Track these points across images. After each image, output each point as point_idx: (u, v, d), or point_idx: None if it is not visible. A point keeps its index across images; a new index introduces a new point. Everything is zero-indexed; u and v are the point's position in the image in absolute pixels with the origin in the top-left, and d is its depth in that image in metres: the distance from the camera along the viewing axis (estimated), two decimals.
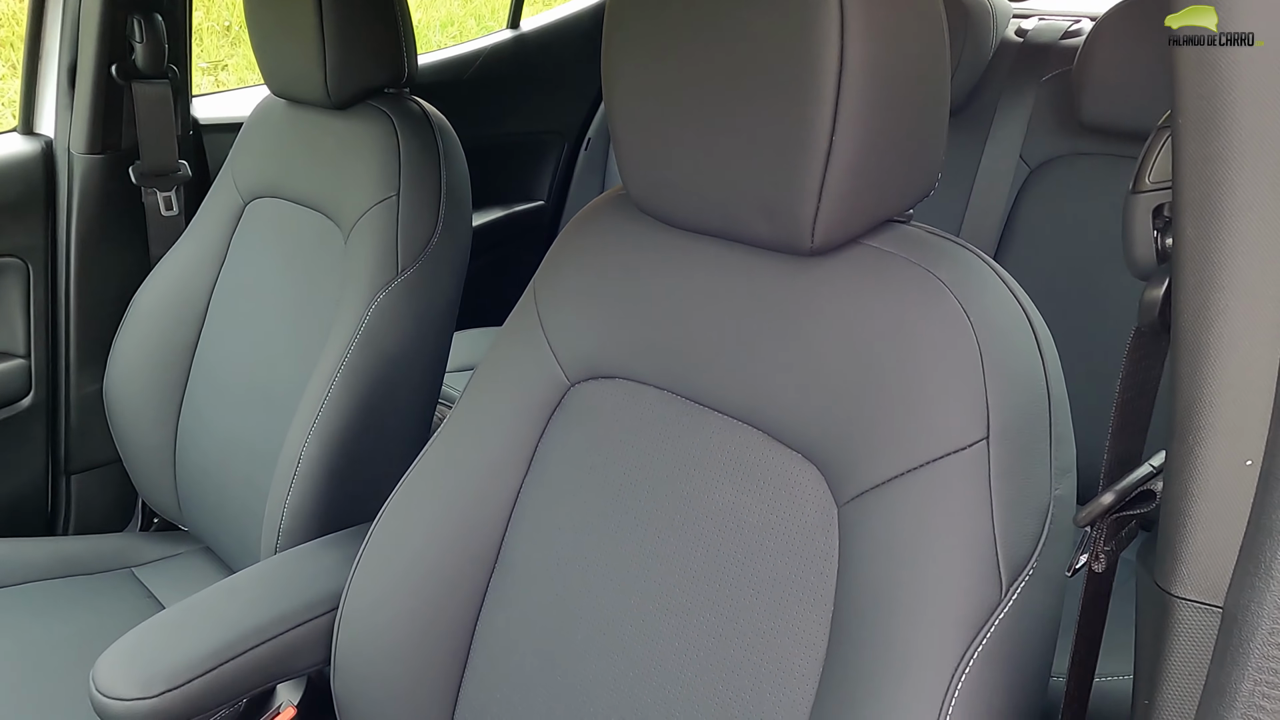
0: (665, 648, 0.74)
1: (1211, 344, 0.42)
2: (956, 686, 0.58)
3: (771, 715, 0.67)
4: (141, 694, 0.83)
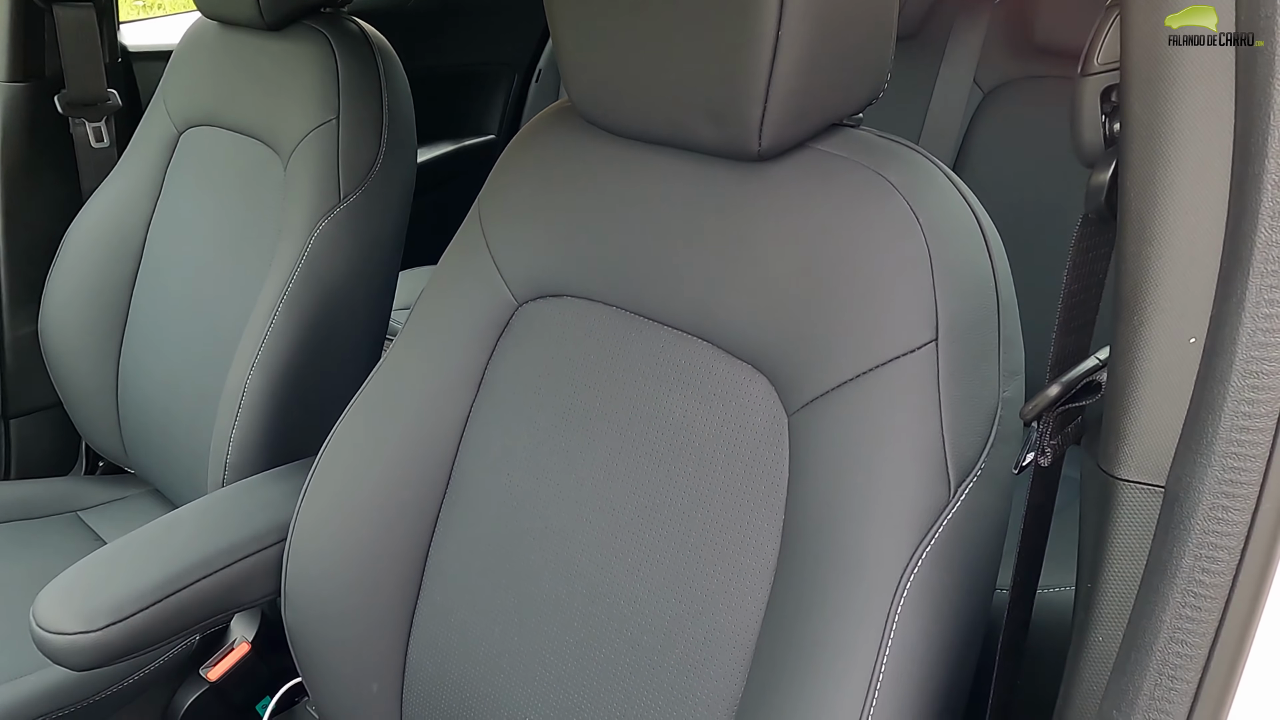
0: (619, 564, 0.73)
1: (1157, 220, 0.41)
2: (905, 587, 0.58)
3: (724, 624, 0.67)
4: (84, 628, 0.81)
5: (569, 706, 0.74)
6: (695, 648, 0.68)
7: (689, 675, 0.68)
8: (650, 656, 0.70)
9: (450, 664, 0.82)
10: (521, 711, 0.77)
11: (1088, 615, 0.47)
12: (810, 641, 0.60)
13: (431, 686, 0.84)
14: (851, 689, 0.57)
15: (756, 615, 0.66)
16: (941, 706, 0.60)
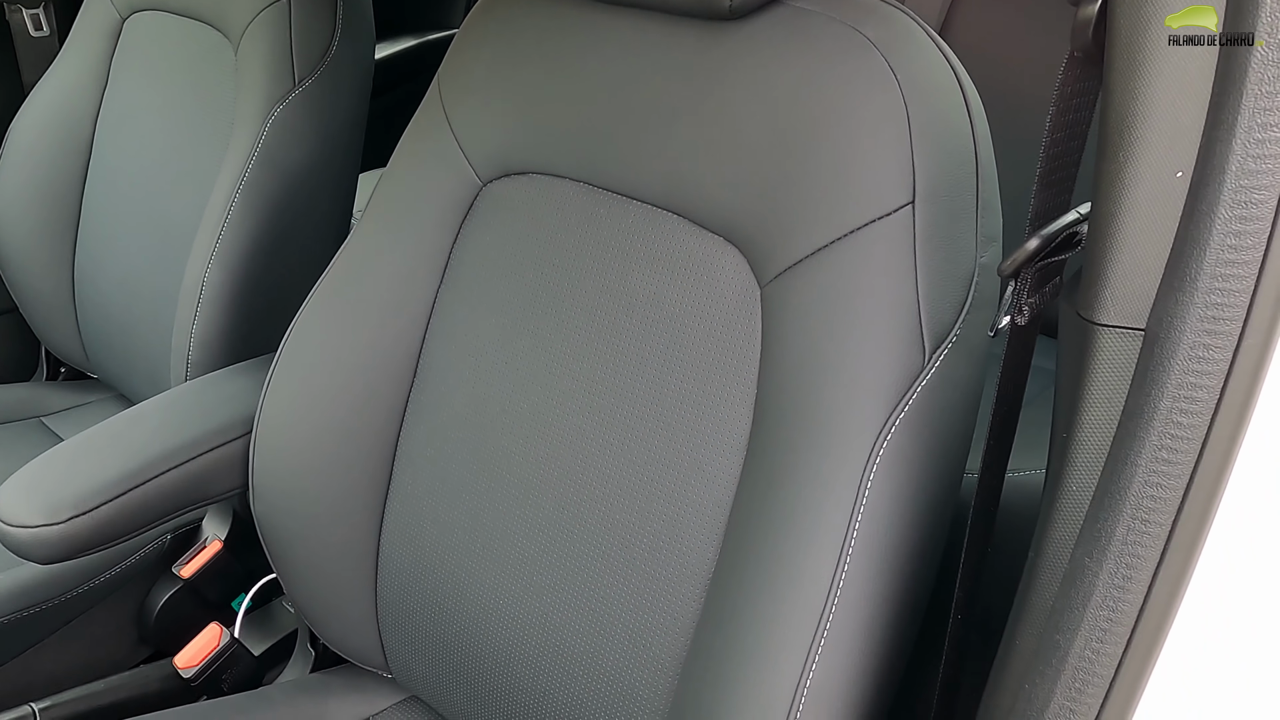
0: (589, 444, 0.72)
1: (1148, 47, 0.39)
2: (877, 455, 0.57)
3: (696, 500, 0.66)
4: (47, 520, 0.79)
5: (543, 586, 0.74)
6: (668, 524, 0.67)
7: (662, 551, 0.68)
8: (623, 535, 0.70)
9: (423, 550, 0.82)
10: (496, 594, 0.77)
11: (1062, 465, 0.46)
12: (782, 511, 0.59)
13: (405, 573, 0.83)
14: (822, 556, 0.57)
15: (729, 490, 0.65)
16: (911, 572, 0.60)
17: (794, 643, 0.56)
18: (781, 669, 0.56)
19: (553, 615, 0.73)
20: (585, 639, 0.71)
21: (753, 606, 0.59)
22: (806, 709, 0.56)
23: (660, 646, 0.67)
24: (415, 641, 0.84)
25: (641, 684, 0.68)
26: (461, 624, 0.79)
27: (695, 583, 0.66)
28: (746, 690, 0.57)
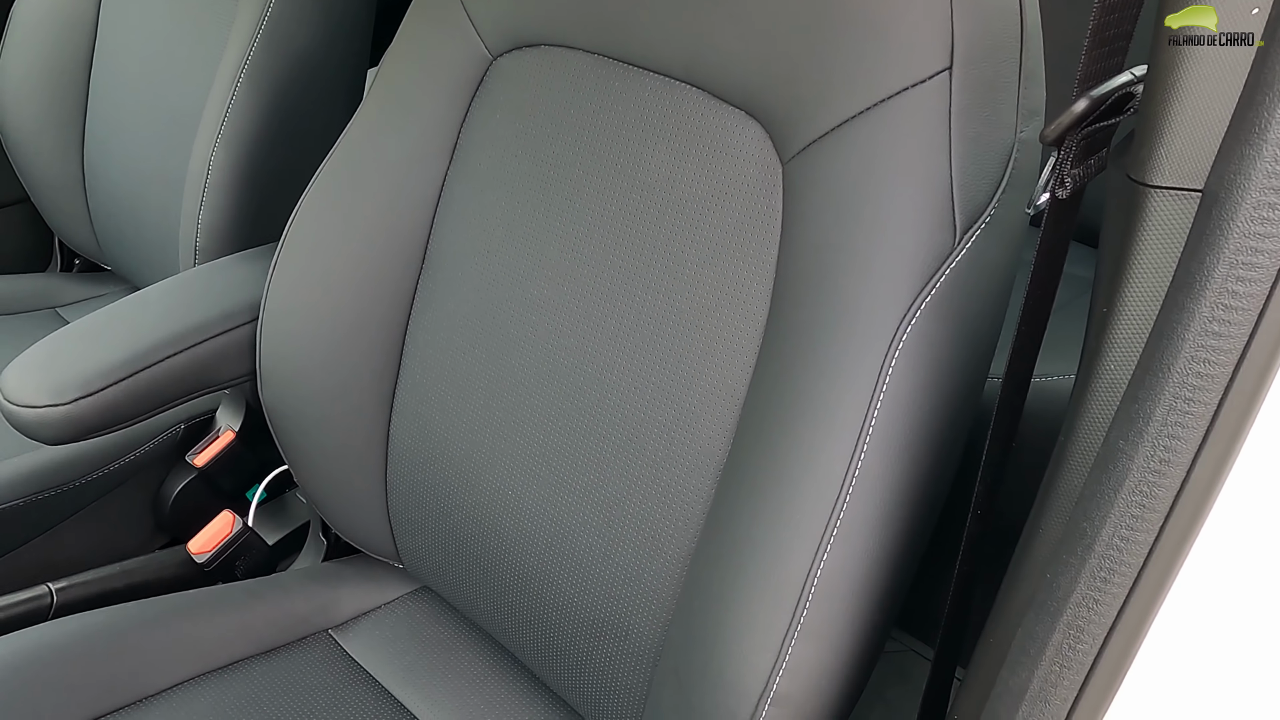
0: (601, 331, 0.70)
1: None
2: (901, 337, 0.54)
3: (710, 388, 0.64)
4: (52, 401, 0.78)
5: (552, 477, 0.72)
6: (680, 414, 0.65)
7: (673, 442, 0.66)
8: (634, 424, 0.68)
9: (432, 440, 0.80)
10: (505, 484, 0.75)
11: (1099, 343, 0.43)
12: (798, 398, 0.56)
13: (414, 463, 0.82)
14: (838, 444, 0.54)
15: (743, 378, 0.62)
16: (930, 464, 0.57)
17: (806, 531, 0.54)
18: (792, 558, 0.54)
19: (562, 506, 0.72)
20: (595, 530, 0.70)
21: (765, 495, 0.57)
22: (816, 598, 0.54)
23: (670, 537, 0.66)
24: (425, 532, 0.84)
25: (650, 574, 0.67)
26: (470, 515, 0.78)
27: (707, 473, 0.64)
28: (756, 578, 0.55)
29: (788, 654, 0.54)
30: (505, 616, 0.79)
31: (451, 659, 0.87)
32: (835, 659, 0.55)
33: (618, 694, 0.70)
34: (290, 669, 0.83)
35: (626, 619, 0.68)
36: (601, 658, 0.71)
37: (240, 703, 0.79)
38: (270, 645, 0.85)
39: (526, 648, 0.79)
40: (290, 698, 0.81)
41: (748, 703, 0.55)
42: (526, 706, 0.83)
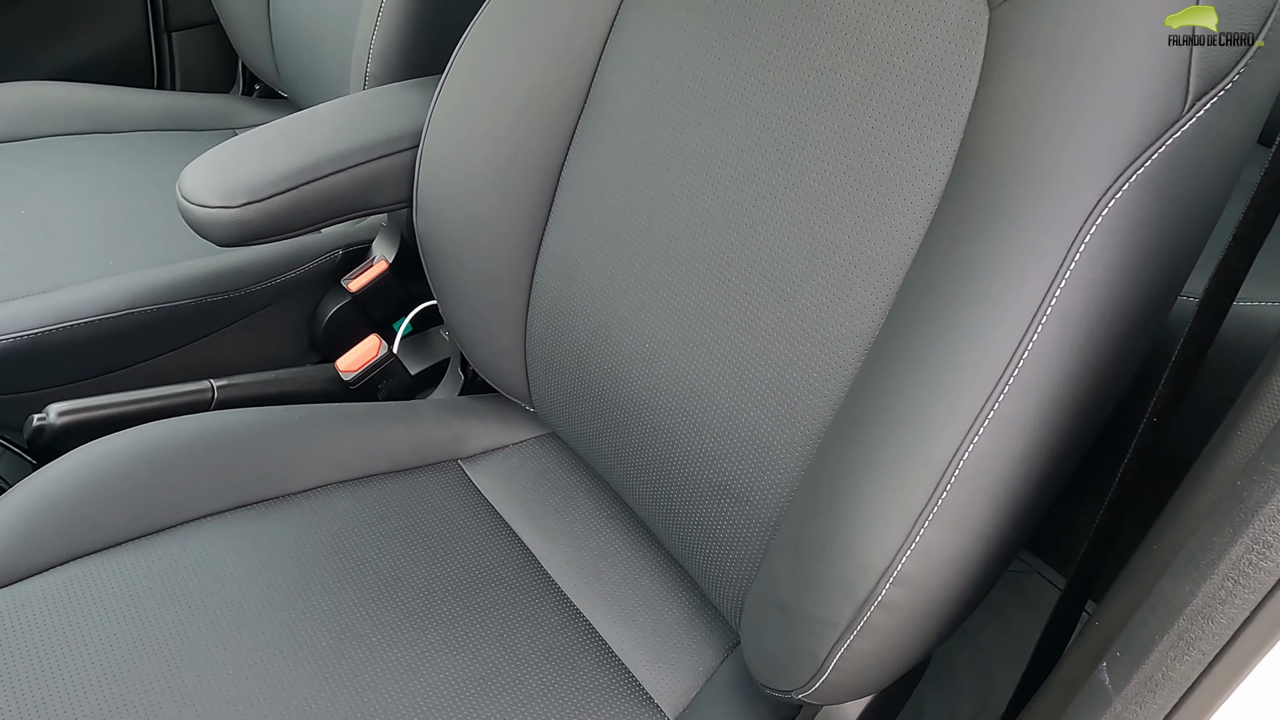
0: (763, 185, 0.66)
1: None
2: (1101, 212, 0.48)
3: (870, 256, 0.60)
4: (224, 203, 0.82)
5: (693, 333, 0.70)
6: (835, 279, 0.62)
7: (823, 308, 0.62)
8: (783, 286, 0.64)
9: (575, 284, 0.79)
10: (643, 337, 0.74)
11: None
12: (970, 272, 0.52)
13: (556, 307, 0.82)
14: (1008, 324, 0.50)
15: (910, 248, 0.58)
16: (1103, 365, 0.52)
17: (958, 412, 0.51)
18: (939, 438, 0.51)
19: (698, 364, 0.70)
20: (727, 391, 0.68)
21: (918, 370, 0.53)
22: (958, 483, 0.50)
23: (806, 406, 0.63)
24: (558, 377, 0.84)
25: (780, 442, 0.65)
26: (604, 364, 0.78)
27: (854, 344, 0.60)
28: (896, 455, 0.52)
29: (919, 535, 0.51)
30: (627, 469, 0.79)
31: (570, 503, 0.88)
32: (968, 548, 0.52)
33: (731, 557, 0.70)
34: (419, 489, 0.87)
35: (749, 484, 0.67)
36: (718, 520, 0.70)
37: (371, 513, 0.83)
38: (402, 466, 0.89)
39: (644, 502, 0.79)
40: (417, 515, 0.84)
41: (868, 579, 0.52)
42: (638, 559, 0.83)
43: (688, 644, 0.77)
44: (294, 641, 0.71)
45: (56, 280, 1.01)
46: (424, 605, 0.76)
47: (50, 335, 0.96)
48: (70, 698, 0.66)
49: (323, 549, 0.79)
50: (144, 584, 0.74)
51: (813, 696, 0.59)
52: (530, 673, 0.72)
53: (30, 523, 0.75)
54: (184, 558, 0.76)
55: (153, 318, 0.99)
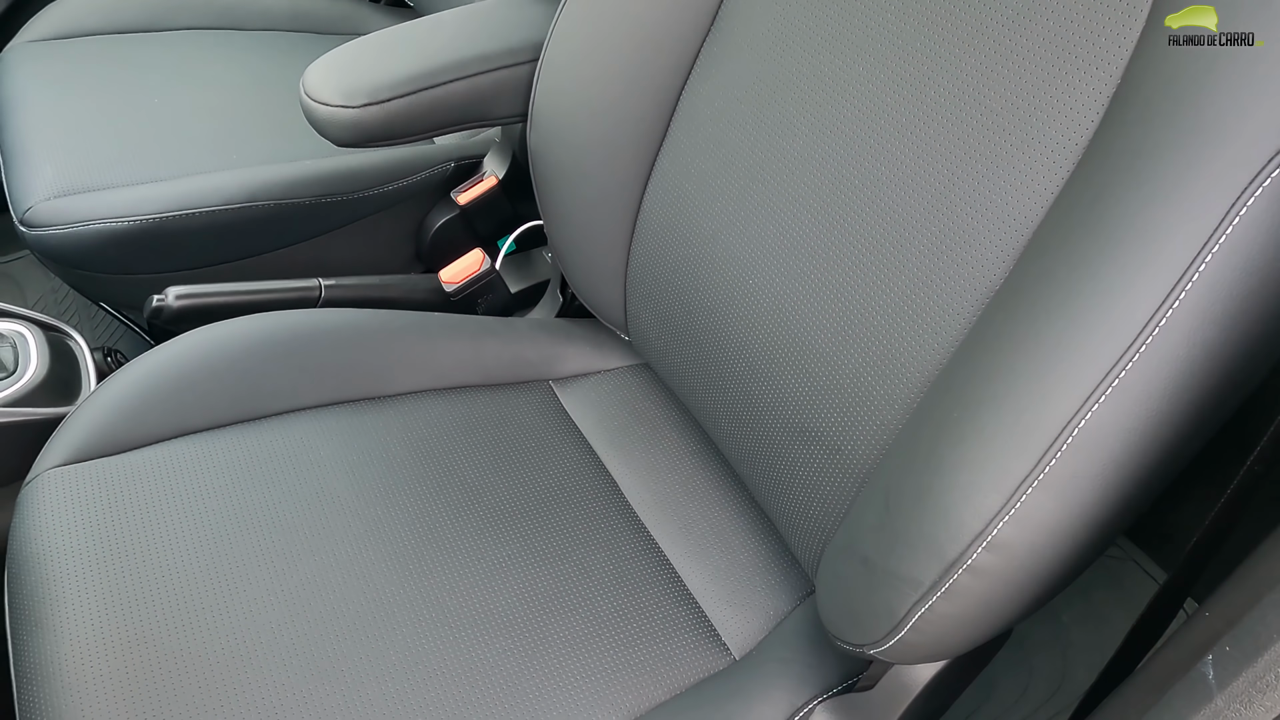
0: (891, 122, 0.62)
1: None
2: (1272, 172, 0.44)
3: (1003, 205, 0.56)
4: (345, 103, 0.82)
5: (799, 272, 0.68)
6: (958, 227, 0.58)
7: (943, 257, 0.59)
8: (902, 230, 0.61)
9: (682, 213, 0.78)
10: (747, 272, 0.72)
11: None
12: (1109, 228, 0.48)
13: (660, 235, 0.80)
14: (1149, 286, 0.46)
15: (1045, 198, 0.54)
16: (1249, 343, 0.48)
17: (1079, 378, 0.47)
18: (1055, 401, 0.48)
19: (802, 304, 0.68)
20: (830, 335, 0.66)
21: (1039, 330, 0.50)
22: (1070, 450, 0.48)
23: (911, 357, 0.60)
24: (656, 308, 0.83)
25: (879, 392, 0.62)
26: (705, 297, 0.76)
27: (972, 297, 0.57)
28: (1006, 416, 0.50)
29: (1019, 501, 0.49)
30: (717, 407, 0.78)
31: (656, 435, 0.88)
32: (1070, 522, 0.49)
33: (815, 505, 0.68)
34: (509, 405, 0.88)
35: (842, 433, 0.65)
36: (806, 466, 0.69)
37: (461, 422, 0.84)
38: (495, 380, 0.90)
39: (731, 441, 0.78)
40: (505, 429, 0.85)
41: (960, 539, 0.50)
42: (718, 497, 0.83)
43: (760, 587, 0.77)
44: (377, 537, 0.73)
45: (182, 169, 1.04)
46: (504, 518, 0.77)
47: (173, 221, 0.99)
48: (167, 561, 0.69)
49: (412, 453, 0.81)
50: (243, 466, 0.77)
51: (885, 654, 0.57)
52: (601, 595, 0.73)
53: (144, 397, 0.79)
54: (282, 446, 0.79)
55: (269, 213, 1.02)
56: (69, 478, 0.74)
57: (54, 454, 0.76)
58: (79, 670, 0.63)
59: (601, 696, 0.67)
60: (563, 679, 0.67)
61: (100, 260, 1.00)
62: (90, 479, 0.74)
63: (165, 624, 0.66)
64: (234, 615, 0.67)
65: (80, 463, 0.75)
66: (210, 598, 0.68)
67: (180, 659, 0.64)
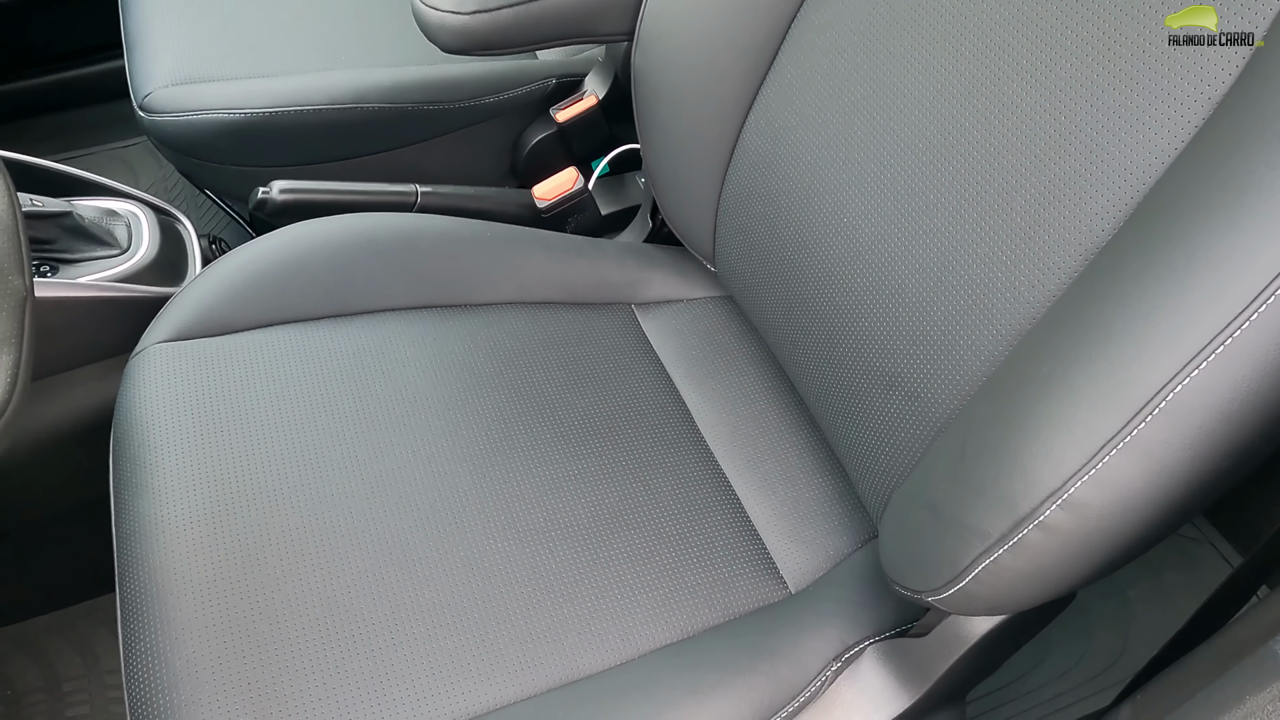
0: (1008, 64, 0.60)
1: None
2: None
3: (1119, 158, 0.54)
4: (455, 9, 0.83)
5: (896, 213, 0.66)
6: (1071, 179, 0.56)
7: (1050, 209, 0.57)
8: (1010, 180, 0.59)
9: (781, 144, 0.76)
10: (842, 211, 0.71)
11: None
12: (1235, 187, 0.45)
13: (757, 166, 0.79)
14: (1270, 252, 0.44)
15: (1168, 153, 0.52)
16: None
17: (1181, 341, 0.46)
18: (1152, 363, 0.46)
19: (896, 246, 0.66)
20: (922, 282, 0.64)
21: (1145, 289, 0.48)
22: (1162, 414, 0.46)
23: (1005, 310, 0.59)
24: (746, 239, 0.82)
25: (967, 342, 0.61)
26: (796, 233, 0.75)
27: (1076, 251, 0.55)
28: (1098, 374, 0.48)
29: (1102, 462, 0.48)
30: (798, 344, 0.78)
31: (733, 367, 0.88)
32: (1152, 488, 0.48)
33: (888, 450, 0.68)
34: (591, 325, 0.89)
35: (924, 380, 0.64)
36: (883, 411, 0.68)
37: (543, 337, 0.86)
38: (578, 299, 0.91)
39: (809, 380, 0.77)
40: (585, 348, 0.86)
41: (1034, 495, 0.50)
42: (789, 434, 0.83)
43: (823, 526, 0.77)
44: (455, 439, 0.76)
45: (294, 66, 1.06)
46: (577, 433, 0.79)
47: (282, 116, 1.02)
48: (258, 440, 0.73)
49: (494, 362, 0.83)
50: (334, 359, 0.80)
51: (944, 602, 0.57)
52: (665, 517, 0.74)
53: (245, 284, 0.82)
54: (371, 343, 0.81)
55: (373, 115, 1.04)
56: (173, 353, 0.78)
57: (160, 330, 0.80)
58: (173, 531, 0.67)
59: (656, 613, 0.69)
60: (620, 592, 0.69)
61: (211, 150, 1.04)
62: (192, 356, 0.78)
63: (253, 497, 0.70)
64: (316, 496, 0.70)
65: (184, 340, 0.79)
66: (295, 477, 0.71)
67: (264, 530, 0.68)
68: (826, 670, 0.67)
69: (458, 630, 0.65)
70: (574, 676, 0.65)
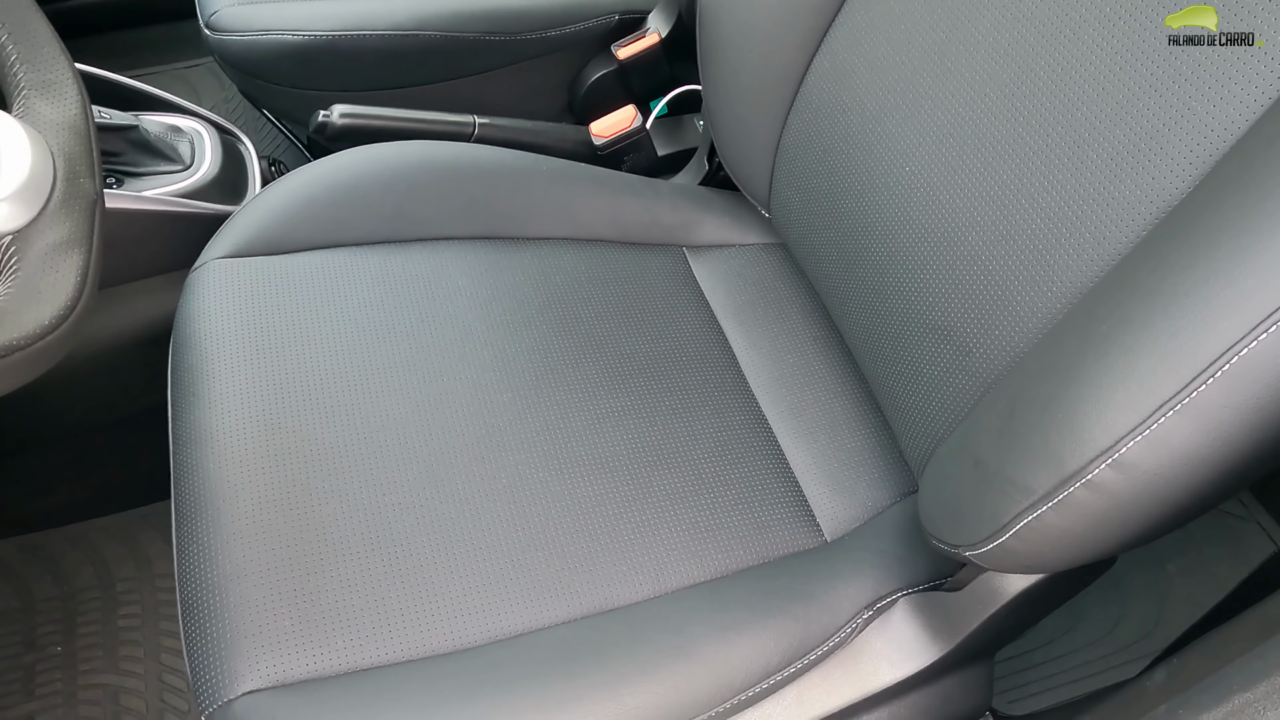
0: (1084, 14, 0.58)
1: None
2: None
3: (1201, 119, 0.52)
4: None
5: (959, 165, 0.65)
6: (1145, 137, 0.54)
7: (1121, 168, 0.56)
8: (1081, 135, 0.58)
9: (845, 91, 0.75)
10: (903, 160, 0.69)
11: None
12: None
13: (818, 111, 0.78)
14: None
15: (1248, 114, 0.50)
16: None
17: (1248, 305, 0.45)
18: (1216, 326, 0.45)
19: (958, 198, 0.65)
20: (984, 235, 0.63)
21: (1214, 251, 0.47)
22: (1221, 379, 0.45)
23: (1066, 269, 0.58)
24: (803, 185, 0.81)
25: (1024, 299, 0.60)
26: (856, 180, 0.74)
27: (1144, 212, 0.54)
28: (1159, 335, 0.47)
29: (1156, 423, 0.47)
30: (850, 293, 0.77)
31: (782, 315, 0.87)
32: (1206, 452, 0.47)
33: (935, 404, 0.67)
34: (641, 264, 0.89)
35: (977, 336, 0.64)
36: (933, 365, 0.68)
37: (593, 274, 0.86)
38: (631, 239, 0.91)
39: (858, 331, 0.77)
40: (634, 287, 0.86)
41: (1084, 452, 0.49)
42: (834, 384, 0.83)
43: (862, 477, 0.77)
44: (502, 370, 0.77)
45: None
46: (623, 371, 0.79)
47: (344, 40, 1.02)
48: (312, 357, 0.74)
49: (544, 296, 0.83)
50: (387, 283, 0.81)
51: (981, 558, 0.57)
52: (705, 458, 0.75)
53: (304, 205, 0.83)
54: (424, 270, 0.82)
55: (434, 43, 1.03)
56: (232, 270, 0.79)
57: (220, 246, 0.81)
58: (227, 441, 0.69)
59: (692, 550, 0.70)
60: (657, 528, 0.70)
61: (274, 71, 1.04)
62: (251, 273, 0.79)
63: (304, 412, 0.71)
64: (365, 416, 0.72)
65: (243, 257, 0.80)
66: (346, 396, 0.73)
67: (313, 445, 0.70)
68: (858, 618, 0.67)
69: (496, 554, 0.67)
70: (607, 606, 0.66)
